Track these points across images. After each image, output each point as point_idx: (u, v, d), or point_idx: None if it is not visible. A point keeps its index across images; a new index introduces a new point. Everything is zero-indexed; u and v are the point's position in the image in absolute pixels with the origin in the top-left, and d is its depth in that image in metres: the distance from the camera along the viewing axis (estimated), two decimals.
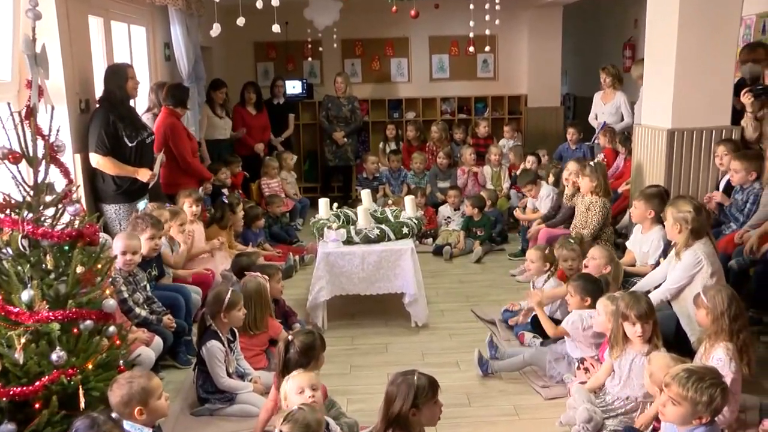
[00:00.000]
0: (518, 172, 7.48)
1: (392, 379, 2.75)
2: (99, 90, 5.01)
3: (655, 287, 4.06)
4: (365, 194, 5.47)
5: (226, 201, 5.99)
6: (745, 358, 3.07)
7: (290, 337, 3.15)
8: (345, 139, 8.60)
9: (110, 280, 3.16)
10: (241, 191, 7.26)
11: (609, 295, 3.64)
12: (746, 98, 4.93)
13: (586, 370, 3.74)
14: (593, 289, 3.95)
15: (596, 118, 7.68)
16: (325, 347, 3.28)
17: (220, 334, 3.64)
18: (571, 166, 5.86)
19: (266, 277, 4.32)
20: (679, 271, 3.84)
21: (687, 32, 4.85)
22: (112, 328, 2.92)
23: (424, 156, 8.15)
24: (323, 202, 5.35)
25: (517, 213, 6.75)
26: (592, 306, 3.90)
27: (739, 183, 4.75)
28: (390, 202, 6.31)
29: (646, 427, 3.14)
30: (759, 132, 5.04)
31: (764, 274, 4.20)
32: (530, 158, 7.59)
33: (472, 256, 6.52)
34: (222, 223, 5.83)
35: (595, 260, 4.30)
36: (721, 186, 5.10)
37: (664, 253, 4.31)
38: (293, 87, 9.18)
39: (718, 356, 3.06)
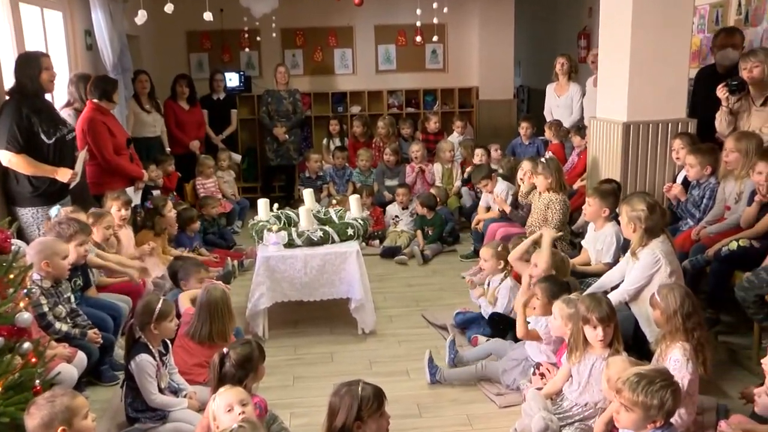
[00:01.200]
0: (469, 169, 7.55)
1: (336, 390, 2.74)
2: (8, 81, 4.82)
3: (612, 288, 4.15)
4: (308, 194, 5.45)
5: (150, 205, 5.87)
6: (701, 357, 3.15)
7: (225, 350, 3.12)
8: (287, 136, 8.54)
9: (25, 291, 3.05)
10: (175, 192, 7.14)
11: (565, 298, 3.70)
12: (721, 92, 5.06)
13: (542, 375, 3.79)
14: (560, 291, 4.01)
15: (551, 114, 7.82)
16: (264, 358, 3.26)
17: (151, 347, 3.56)
18: (525, 165, 5.94)
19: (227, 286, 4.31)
20: (637, 272, 3.93)
21: (641, 22, 4.98)
22: (26, 345, 2.82)
23: (370, 153, 8.16)
24: (262, 203, 5.30)
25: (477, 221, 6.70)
26: None
27: (695, 178, 4.90)
28: (334, 201, 6.30)
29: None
30: (733, 127, 5.17)
31: (720, 272, 4.33)
32: (478, 151, 7.66)
33: (416, 257, 6.55)
34: (152, 228, 5.71)
35: (537, 268, 4.33)
36: (679, 180, 5.25)
37: (623, 250, 4.39)
38: (230, 80, 9.09)
39: (674, 357, 3.14)
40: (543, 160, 5.60)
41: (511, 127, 9.56)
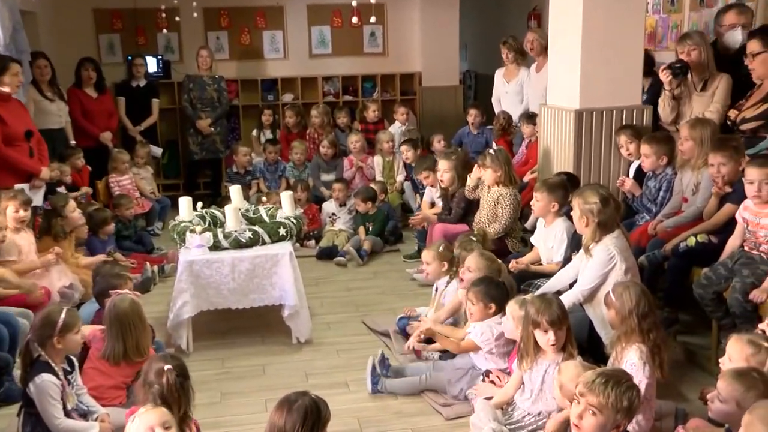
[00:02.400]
0: (411, 161, 7.58)
1: (279, 405, 2.72)
2: None
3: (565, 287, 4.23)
4: (235, 191, 5.41)
5: (47, 206, 5.69)
6: (657, 360, 3.24)
7: (167, 366, 3.01)
8: (211, 128, 8.43)
9: None
10: (88, 190, 6.97)
11: (519, 299, 3.75)
12: (664, 76, 5.21)
13: (492, 383, 3.84)
14: (498, 294, 4.07)
15: (500, 101, 7.92)
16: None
17: (53, 365, 3.44)
18: (441, 164, 6.08)
19: (138, 294, 4.18)
20: (591, 270, 4.01)
21: (593, 1, 5.07)
22: None
23: (304, 145, 8.13)
24: (185, 202, 5.22)
25: (413, 220, 6.72)
26: (498, 313, 4.02)
27: (651, 168, 5.03)
28: (265, 199, 6.23)
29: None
30: (676, 113, 5.34)
31: (678, 268, 4.45)
32: (404, 148, 7.68)
33: (354, 259, 6.55)
34: (48, 233, 5.51)
35: (471, 272, 4.37)
36: (631, 173, 5.38)
37: (576, 248, 4.47)
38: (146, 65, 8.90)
39: (631, 360, 3.22)
40: (491, 151, 5.66)
41: (457, 115, 9.64)
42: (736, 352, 2.94)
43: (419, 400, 4.03)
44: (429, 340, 4.40)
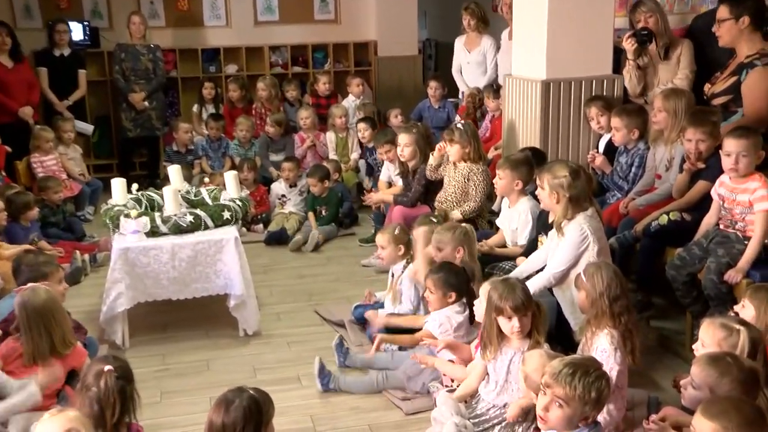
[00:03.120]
0: (368, 141, 7.59)
1: (217, 403, 2.73)
2: None
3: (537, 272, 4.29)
4: (175, 171, 5.39)
5: None
6: (629, 345, 3.32)
7: (107, 367, 2.98)
8: (146, 103, 8.34)
9: None
10: (4, 173, 6.85)
11: (493, 280, 3.74)
12: (629, 44, 5.30)
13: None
14: (458, 281, 4.11)
15: (461, 71, 7.96)
16: None
17: None
18: (402, 138, 6.09)
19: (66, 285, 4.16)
20: (563, 251, 4.06)
21: None
22: None
23: (251, 121, 8.09)
24: (118, 183, 5.19)
25: (368, 197, 6.76)
26: (458, 301, 4.08)
27: (622, 142, 5.12)
28: (207, 180, 6.22)
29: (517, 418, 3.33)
30: (643, 83, 5.44)
31: (650, 249, 4.56)
32: (361, 126, 7.67)
33: (308, 243, 6.58)
34: None
35: (441, 251, 4.41)
36: (601, 148, 5.47)
37: (542, 229, 4.54)
38: (72, 32, 8.72)
39: (601, 347, 3.29)
40: (458, 125, 5.68)
41: (416, 88, 9.68)
42: (708, 337, 3.02)
43: (377, 395, 4.08)
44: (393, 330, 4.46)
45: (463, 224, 4.64)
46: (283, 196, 7.25)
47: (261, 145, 7.93)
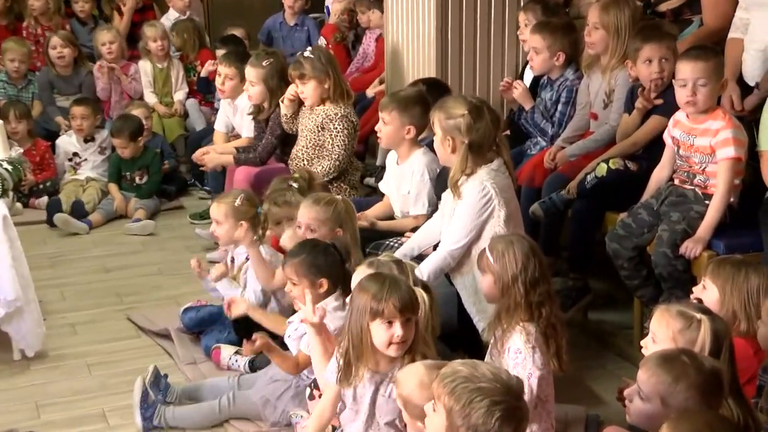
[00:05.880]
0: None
1: None
2: None
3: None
4: None
5: None
6: (552, 345, 3.39)
7: None
8: None
9: None
10: None
11: (370, 261, 3.69)
12: None
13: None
14: (327, 262, 4.08)
15: None
16: None
17: None
18: (248, 72, 6.00)
19: None
20: (460, 219, 4.07)
21: None
22: None
23: (26, 47, 7.91)
24: None
25: (201, 157, 6.60)
26: (334, 291, 4.06)
27: (543, 71, 5.20)
28: None
29: None
30: None
31: (586, 213, 4.66)
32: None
33: (132, 227, 6.57)
34: None
35: (314, 232, 4.36)
36: (527, 78, 5.55)
37: (443, 191, 4.55)
38: None
39: (514, 347, 3.33)
40: (307, 53, 5.63)
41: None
42: (661, 329, 3.06)
43: (219, 428, 4.07)
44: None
45: (339, 196, 4.63)
46: (76, 155, 7.15)
47: (42, 82, 7.81)
